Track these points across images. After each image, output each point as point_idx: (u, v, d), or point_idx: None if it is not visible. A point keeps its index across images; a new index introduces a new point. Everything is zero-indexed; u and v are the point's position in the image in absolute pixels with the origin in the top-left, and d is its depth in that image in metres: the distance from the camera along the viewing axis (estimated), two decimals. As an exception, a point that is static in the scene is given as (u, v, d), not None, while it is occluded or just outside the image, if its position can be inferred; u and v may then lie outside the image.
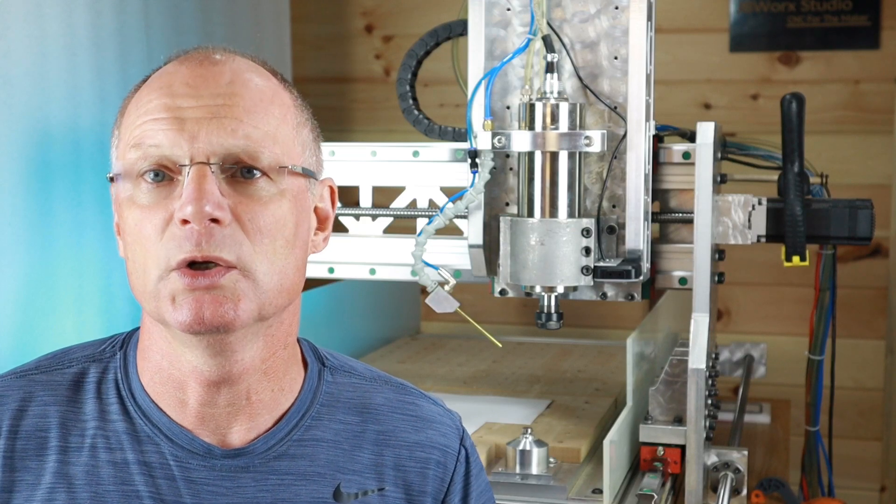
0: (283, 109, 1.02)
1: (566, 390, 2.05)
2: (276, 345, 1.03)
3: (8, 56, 1.65)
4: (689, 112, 2.78)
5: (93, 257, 1.83)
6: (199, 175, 0.93)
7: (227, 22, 2.35)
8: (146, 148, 0.96)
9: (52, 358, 1.06)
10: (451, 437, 1.13)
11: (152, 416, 1.01)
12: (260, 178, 0.97)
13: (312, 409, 1.07)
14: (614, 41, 1.61)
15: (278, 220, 0.97)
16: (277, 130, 0.99)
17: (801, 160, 1.67)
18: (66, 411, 1.01)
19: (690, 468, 1.52)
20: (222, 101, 0.96)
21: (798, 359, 2.07)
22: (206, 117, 0.95)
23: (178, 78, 0.98)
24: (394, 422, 1.10)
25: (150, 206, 0.96)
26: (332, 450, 1.06)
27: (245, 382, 1.01)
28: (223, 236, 0.93)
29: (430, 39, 1.78)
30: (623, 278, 1.53)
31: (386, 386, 1.14)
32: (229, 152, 0.95)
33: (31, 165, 1.70)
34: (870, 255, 2.74)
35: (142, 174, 0.96)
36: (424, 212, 1.77)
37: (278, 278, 0.98)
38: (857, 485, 2.75)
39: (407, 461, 1.09)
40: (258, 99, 0.99)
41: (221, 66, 0.99)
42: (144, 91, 1.00)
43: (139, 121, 0.98)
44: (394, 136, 1.98)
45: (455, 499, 1.12)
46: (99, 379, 1.04)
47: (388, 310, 2.67)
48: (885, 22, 2.70)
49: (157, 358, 1.01)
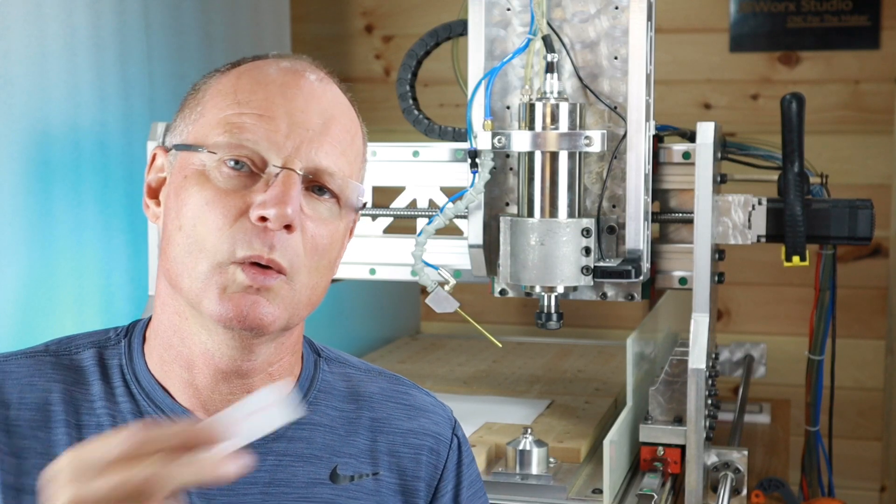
0: (362, 144, 1.09)
1: (566, 390, 2.05)
2: (285, 352, 1.06)
3: (8, 56, 1.65)
4: (689, 112, 2.78)
5: (93, 257, 1.84)
6: (288, 180, 0.97)
7: (227, 22, 2.35)
8: (242, 139, 0.98)
9: (58, 343, 1.09)
10: (443, 426, 1.16)
11: (155, 398, 1.03)
12: (329, 199, 1.01)
13: (310, 394, 1.10)
14: (614, 41, 1.61)
15: (332, 242, 1.02)
16: (355, 163, 1.05)
17: (801, 160, 1.67)
18: (73, 390, 1.03)
19: (690, 468, 1.52)
20: (324, 120, 1.01)
21: (798, 359, 2.07)
22: (308, 131, 0.99)
23: (289, 80, 1.02)
24: (387, 409, 1.13)
25: (227, 191, 0.97)
26: (328, 434, 1.08)
27: (250, 379, 1.03)
28: (287, 243, 0.97)
29: (430, 39, 1.78)
30: (623, 278, 1.53)
31: (379, 376, 1.17)
32: (317, 169, 0.99)
33: (31, 165, 1.71)
34: (870, 255, 2.74)
35: (225, 159, 0.98)
36: (424, 212, 1.77)
37: (309, 293, 1.01)
38: (857, 485, 2.75)
39: (401, 447, 1.12)
40: (349, 128, 1.05)
41: (326, 87, 1.04)
42: (245, 80, 1.02)
43: (240, 109, 0.99)
44: (394, 136, 1.97)
45: (448, 486, 1.14)
46: (104, 364, 1.06)
47: (388, 310, 2.67)
48: (885, 22, 2.70)
49: (168, 334, 1.03)
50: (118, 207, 1.91)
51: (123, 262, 1.90)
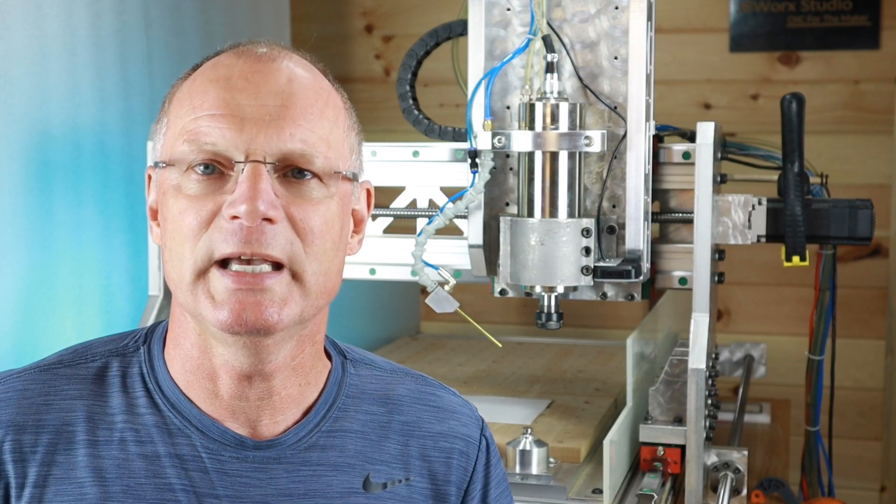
0: (336, 112, 1.02)
1: (566, 390, 2.05)
2: (306, 342, 1.04)
3: (8, 56, 1.65)
4: (689, 112, 2.78)
5: (93, 257, 1.83)
6: (254, 173, 0.94)
7: (227, 22, 2.35)
8: (201, 144, 0.95)
9: (73, 352, 1.05)
10: (472, 428, 1.15)
11: (182, 409, 1.01)
12: (311, 179, 0.98)
13: (339, 400, 1.08)
14: (614, 41, 1.61)
15: (328, 222, 0.98)
16: (330, 134, 1.00)
17: (801, 160, 1.67)
18: (92, 405, 1.01)
19: (690, 468, 1.52)
20: (280, 102, 0.97)
21: (798, 359, 2.07)
22: (264, 118, 0.96)
23: (237, 72, 0.98)
24: (417, 412, 1.11)
25: (198, 196, 0.95)
26: (360, 440, 1.07)
27: (276, 378, 1.01)
28: (275, 234, 0.94)
29: (430, 39, 1.78)
30: (623, 278, 1.53)
31: (407, 377, 1.15)
32: (285, 154, 0.96)
33: (31, 165, 1.71)
34: (870, 255, 2.74)
35: (192, 166, 0.96)
36: (424, 212, 1.77)
37: (323, 280, 0.99)
38: (857, 485, 2.75)
39: (432, 451, 1.10)
40: (314, 100, 0.99)
41: (279, 64, 0.99)
42: (199, 81, 1.00)
43: (194, 114, 0.97)
44: (394, 136, 1.97)
45: (477, 487, 1.13)
46: (123, 373, 1.03)
47: (388, 310, 2.67)
48: (885, 22, 2.70)
49: (187, 346, 1.01)
50: (118, 207, 1.90)
51: (123, 262, 1.90)
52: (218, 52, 1.03)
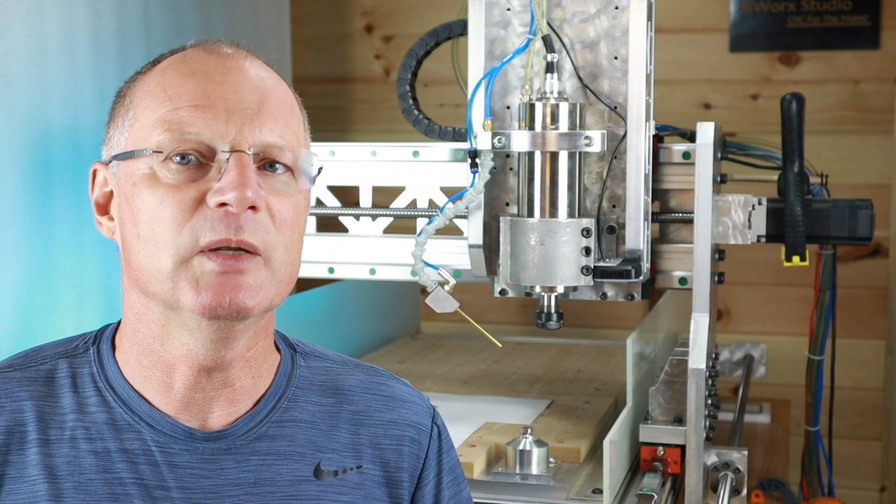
0: (299, 113, 1.08)
1: (566, 390, 2.05)
2: (261, 335, 1.06)
3: (8, 56, 1.65)
4: (689, 112, 2.78)
5: (93, 257, 1.83)
6: (240, 162, 0.96)
7: (227, 22, 2.35)
8: (184, 133, 0.97)
9: (24, 356, 1.07)
10: (423, 416, 1.17)
11: (132, 405, 1.03)
12: (284, 172, 1.02)
13: (289, 391, 1.10)
14: (614, 41, 1.61)
15: (297, 214, 1.02)
16: (299, 131, 1.06)
17: (801, 160, 1.67)
18: (42, 405, 1.02)
19: (690, 468, 1.52)
20: (259, 97, 1.00)
21: (798, 359, 2.07)
22: (247, 111, 0.99)
23: (211, 66, 1.01)
24: (367, 402, 1.13)
25: (178, 185, 0.97)
26: (309, 430, 1.08)
27: (233, 369, 1.03)
28: (256, 223, 0.97)
29: (430, 39, 1.78)
30: (623, 278, 1.53)
31: (357, 369, 1.17)
32: (264, 147, 0.99)
33: (31, 165, 1.70)
34: (870, 255, 2.74)
35: (171, 155, 0.97)
36: (424, 212, 1.77)
37: (290, 270, 1.02)
38: (857, 485, 2.75)
39: (382, 439, 1.12)
40: (284, 100, 1.04)
41: (251, 63, 1.04)
42: (171, 74, 1.02)
43: (172, 105, 0.98)
44: (394, 136, 1.98)
45: (430, 474, 1.15)
46: (73, 374, 1.05)
47: (388, 310, 2.67)
48: (885, 22, 2.70)
49: (147, 340, 1.02)
50: (118, 207, 1.90)
51: (123, 262, 1.90)
52: (182, 48, 1.06)
